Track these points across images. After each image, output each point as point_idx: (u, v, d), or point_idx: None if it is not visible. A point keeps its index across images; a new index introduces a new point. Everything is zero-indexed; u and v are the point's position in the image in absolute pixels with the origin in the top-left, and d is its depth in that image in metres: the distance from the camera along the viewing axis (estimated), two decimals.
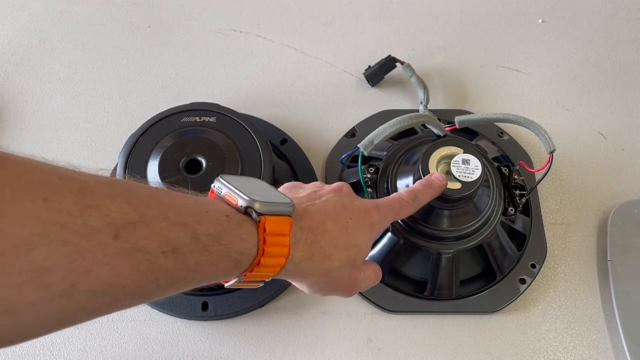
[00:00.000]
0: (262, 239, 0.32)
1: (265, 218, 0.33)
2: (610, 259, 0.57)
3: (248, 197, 0.32)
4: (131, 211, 0.27)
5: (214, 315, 0.54)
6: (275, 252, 0.33)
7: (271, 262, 0.33)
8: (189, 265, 0.29)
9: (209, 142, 0.53)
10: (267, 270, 0.34)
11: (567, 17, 0.75)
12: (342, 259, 0.38)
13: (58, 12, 0.74)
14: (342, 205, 0.40)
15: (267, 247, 0.32)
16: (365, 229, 0.40)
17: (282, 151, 0.62)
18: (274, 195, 0.36)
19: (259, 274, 0.33)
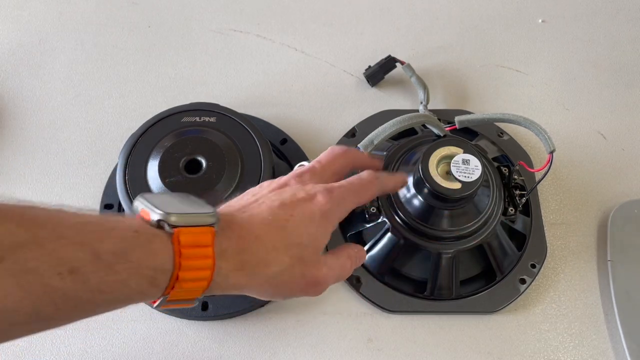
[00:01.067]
0: (177, 252, 0.31)
1: (179, 230, 0.31)
2: (610, 259, 0.57)
3: (162, 210, 0.31)
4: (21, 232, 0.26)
5: (214, 315, 0.54)
6: (195, 265, 0.31)
7: (193, 276, 0.31)
8: (92, 285, 0.27)
9: (209, 142, 0.53)
10: (192, 286, 0.32)
11: (567, 17, 0.75)
12: (284, 261, 0.36)
13: (58, 12, 0.74)
14: (280, 204, 0.38)
15: (185, 261, 0.31)
16: (312, 223, 0.38)
17: (282, 151, 0.62)
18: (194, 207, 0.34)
19: (182, 290, 0.31)
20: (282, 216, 0.37)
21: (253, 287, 0.36)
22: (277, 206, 0.38)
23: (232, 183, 0.49)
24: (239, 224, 0.36)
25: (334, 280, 0.40)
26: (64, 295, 0.27)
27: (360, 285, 0.56)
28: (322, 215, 0.38)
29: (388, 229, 0.54)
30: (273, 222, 0.37)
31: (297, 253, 0.37)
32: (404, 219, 0.53)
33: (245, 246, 0.35)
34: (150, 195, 0.34)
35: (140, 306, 0.55)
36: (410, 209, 0.53)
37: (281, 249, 0.36)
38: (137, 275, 0.29)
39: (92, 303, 0.29)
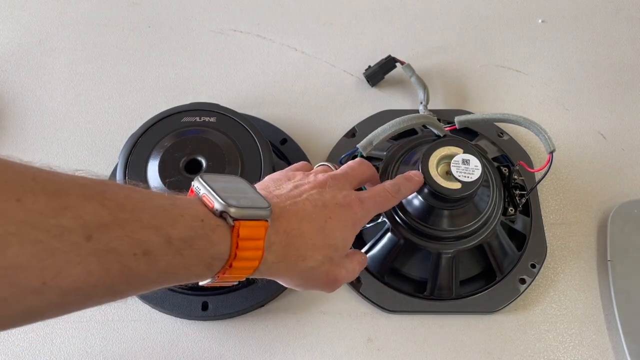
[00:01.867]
0: (235, 243, 0.33)
1: (239, 223, 0.33)
2: (610, 258, 0.57)
3: (224, 201, 0.33)
4: (105, 213, 0.27)
5: (214, 315, 0.54)
6: (248, 255, 0.34)
7: (244, 265, 0.34)
8: (160, 267, 0.29)
9: (209, 142, 0.53)
10: (240, 272, 0.34)
11: (567, 17, 0.75)
12: (317, 259, 0.39)
13: (58, 12, 0.74)
14: (322, 203, 0.40)
15: (240, 252, 0.33)
16: (345, 227, 0.41)
17: (282, 151, 0.62)
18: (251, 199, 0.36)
19: (231, 275, 0.34)
20: (323, 216, 0.39)
21: (287, 277, 0.39)
22: (319, 205, 0.40)
23: None
24: (286, 218, 0.37)
25: (347, 281, 0.43)
26: (137, 274, 0.29)
27: (360, 285, 0.56)
28: (354, 222, 0.42)
29: (388, 229, 0.54)
30: (315, 220, 0.39)
31: (329, 253, 0.40)
32: (404, 219, 0.53)
33: (290, 241, 0.37)
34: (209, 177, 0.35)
35: (140, 306, 0.55)
36: (410, 209, 0.53)
37: (318, 248, 0.39)
38: (199, 261, 0.31)
39: (155, 282, 0.31)
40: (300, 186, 0.41)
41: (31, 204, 0.25)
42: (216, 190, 0.34)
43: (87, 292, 0.27)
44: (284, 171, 0.45)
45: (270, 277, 0.39)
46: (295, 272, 0.39)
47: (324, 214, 0.40)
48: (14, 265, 0.24)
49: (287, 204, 0.39)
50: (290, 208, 0.38)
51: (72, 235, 0.25)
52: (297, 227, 0.38)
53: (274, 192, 0.40)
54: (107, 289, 0.28)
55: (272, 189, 0.41)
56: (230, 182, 0.36)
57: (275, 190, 0.41)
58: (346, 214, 0.41)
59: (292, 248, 0.37)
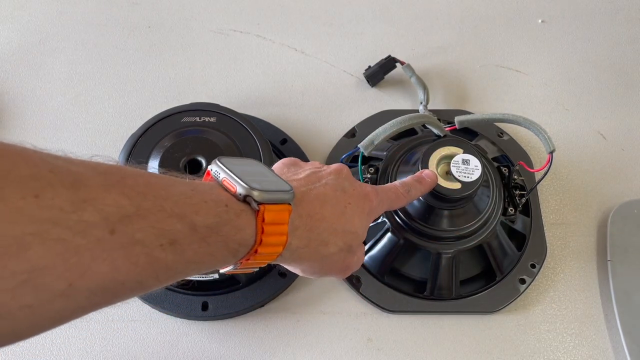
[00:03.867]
0: (260, 228, 0.32)
1: (264, 207, 0.32)
2: (610, 259, 0.57)
3: (247, 184, 0.32)
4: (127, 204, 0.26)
5: (214, 315, 0.54)
6: (272, 241, 0.33)
7: (268, 251, 0.33)
8: (187, 257, 0.28)
9: (209, 142, 0.53)
10: (264, 258, 0.33)
11: (567, 17, 0.75)
12: (338, 244, 0.38)
13: (58, 12, 0.74)
14: (342, 189, 0.39)
15: (265, 237, 0.32)
16: (363, 215, 0.40)
17: (282, 151, 0.62)
18: (273, 182, 0.35)
19: (255, 262, 0.33)
20: (343, 202, 0.39)
21: (308, 262, 0.38)
22: (339, 190, 0.39)
23: None
24: (309, 201, 0.37)
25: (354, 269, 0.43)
26: (165, 266, 0.27)
27: (360, 285, 0.56)
28: (370, 211, 0.41)
29: (388, 229, 0.54)
30: (337, 206, 0.38)
31: (349, 240, 0.39)
32: (404, 219, 0.53)
33: (314, 224, 0.36)
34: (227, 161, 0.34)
35: (140, 306, 0.55)
36: (410, 209, 0.53)
37: (340, 233, 0.38)
38: (224, 248, 0.31)
39: (182, 272, 0.30)
40: (318, 172, 0.41)
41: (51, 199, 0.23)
42: (237, 173, 0.32)
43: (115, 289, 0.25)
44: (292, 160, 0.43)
45: (292, 264, 0.38)
46: (317, 258, 0.38)
47: (344, 199, 0.39)
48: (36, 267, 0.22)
49: (308, 187, 0.38)
50: (311, 192, 0.37)
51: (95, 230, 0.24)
52: (320, 211, 0.37)
53: (293, 177, 0.39)
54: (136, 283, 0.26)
55: (290, 175, 0.40)
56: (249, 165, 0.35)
57: (293, 176, 0.40)
58: (364, 202, 0.40)
59: (315, 232, 0.36)
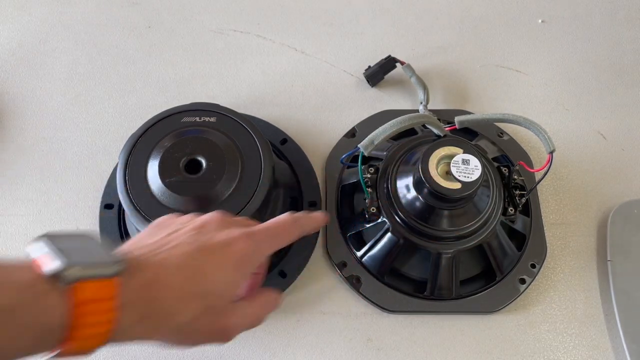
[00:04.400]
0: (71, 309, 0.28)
1: (75, 286, 0.29)
2: (610, 259, 0.57)
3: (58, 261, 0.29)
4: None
5: None
6: (93, 321, 0.29)
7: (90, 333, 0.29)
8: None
9: (209, 143, 0.53)
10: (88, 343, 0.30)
11: (567, 17, 0.75)
12: (192, 311, 0.34)
13: (58, 12, 0.74)
14: (197, 248, 0.36)
15: (81, 318, 0.29)
16: (227, 269, 0.36)
17: (282, 151, 0.62)
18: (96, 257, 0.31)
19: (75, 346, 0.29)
20: (196, 262, 0.35)
21: (158, 336, 0.35)
22: (192, 250, 0.36)
23: (232, 183, 0.49)
24: (147, 270, 0.33)
25: (244, 329, 0.39)
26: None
27: (360, 285, 0.56)
28: (240, 261, 0.37)
29: (388, 229, 0.54)
30: (186, 268, 0.35)
31: (208, 302, 0.35)
32: (404, 219, 0.53)
33: (152, 296, 0.33)
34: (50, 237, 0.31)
35: None
36: (410, 209, 0.53)
37: (191, 298, 0.34)
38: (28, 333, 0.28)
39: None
40: (175, 232, 0.37)
41: None
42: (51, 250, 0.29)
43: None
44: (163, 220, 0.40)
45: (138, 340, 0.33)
46: (165, 332, 0.34)
47: (199, 259, 0.35)
48: None
49: (150, 255, 0.34)
50: (154, 259, 0.34)
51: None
52: (162, 279, 0.33)
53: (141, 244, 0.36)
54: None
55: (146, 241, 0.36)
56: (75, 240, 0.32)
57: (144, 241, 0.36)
58: (227, 253, 0.36)
59: (155, 304, 0.32)
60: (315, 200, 0.59)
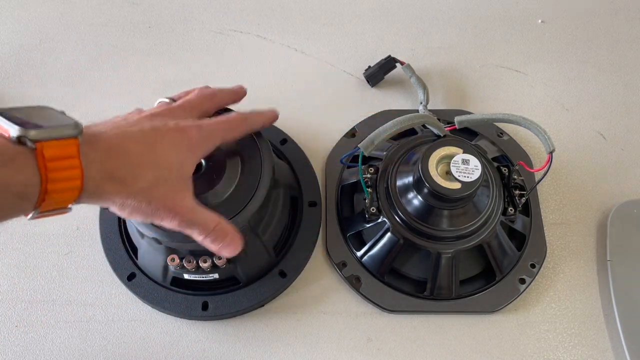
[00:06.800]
0: (42, 166, 0.32)
1: (42, 144, 0.32)
2: (610, 259, 0.57)
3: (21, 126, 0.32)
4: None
5: (214, 315, 0.54)
6: (63, 176, 0.33)
7: (63, 187, 0.33)
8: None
9: None
10: (63, 196, 0.34)
11: (567, 17, 0.75)
12: (148, 178, 0.38)
13: (58, 13, 0.74)
14: (151, 127, 0.40)
15: (51, 173, 0.32)
16: (180, 149, 0.40)
17: (282, 151, 0.62)
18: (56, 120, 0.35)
19: (53, 200, 0.33)
20: (151, 138, 0.39)
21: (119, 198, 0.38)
22: (148, 129, 0.40)
23: (232, 183, 0.49)
24: (106, 139, 0.37)
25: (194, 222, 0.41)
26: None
27: (360, 285, 0.56)
28: (190, 145, 0.41)
29: (388, 229, 0.54)
30: (143, 141, 0.39)
31: (163, 174, 0.39)
32: (404, 218, 0.53)
33: (113, 158, 0.36)
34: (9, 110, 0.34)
35: (140, 306, 0.55)
36: (410, 209, 0.53)
37: (147, 166, 0.38)
38: (8, 193, 0.31)
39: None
40: (128, 117, 0.41)
41: None
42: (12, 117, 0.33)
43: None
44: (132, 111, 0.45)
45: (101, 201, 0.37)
46: (127, 193, 0.37)
47: (153, 136, 0.39)
48: None
49: (107, 128, 0.38)
50: (112, 132, 0.38)
51: None
52: (121, 146, 0.37)
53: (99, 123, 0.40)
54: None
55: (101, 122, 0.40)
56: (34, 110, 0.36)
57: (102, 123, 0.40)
58: (180, 137, 0.41)
59: (117, 166, 0.36)
60: (315, 200, 0.59)
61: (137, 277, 0.55)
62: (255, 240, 0.52)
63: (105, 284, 0.56)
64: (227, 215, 0.47)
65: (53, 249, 0.58)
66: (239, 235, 0.44)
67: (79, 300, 0.56)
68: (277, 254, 0.56)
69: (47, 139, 0.32)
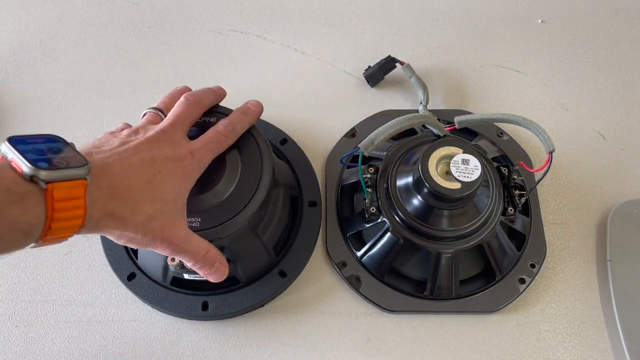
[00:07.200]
0: (50, 206, 0.33)
1: (53, 186, 0.33)
2: (610, 259, 0.57)
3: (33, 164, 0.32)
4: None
5: (214, 315, 0.54)
6: (67, 216, 0.34)
7: (65, 225, 0.34)
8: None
9: None
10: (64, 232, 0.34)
11: (567, 17, 0.75)
12: (148, 212, 0.39)
13: (58, 13, 0.74)
14: (150, 159, 0.41)
15: (57, 213, 0.33)
16: (176, 181, 0.42)
17: (282, 151, 0.62)
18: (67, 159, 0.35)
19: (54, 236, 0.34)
20: (151, 171, 0.40)
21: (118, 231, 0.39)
22: (148, 160, 0.40)
23: (232, 183, 0.49)
24: (111, 173, 0.38)
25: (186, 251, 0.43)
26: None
27: (360, 285, 0.56)
28: (185, 175, 0.43)
29: (388, 229, 0.54)
30: (142, 175, 0.39)
31: (161, 207, 0.40)
32: (404, 218, 0.53)
33: (115, 195, 0.37)
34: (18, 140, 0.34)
35: (140, 306, 0.55)
36: (410, 209, 0.53)
37: (147, 200, 0.39)
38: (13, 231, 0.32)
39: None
40: (128, 142, 0.41)
41: None
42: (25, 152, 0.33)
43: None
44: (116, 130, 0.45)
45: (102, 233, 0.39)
46: (126, 226, 0.38)
47: (152, 169, 0.40)
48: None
49: (112, 159, 0.39)
50: (115, 163, 0.38)
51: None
52: (123, 182, 0.38)
53: (100, 149, 0.40)
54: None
55: (98, 145, 0.41)
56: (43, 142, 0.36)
57: (101, 147, 0.40)
58: (176, 168, 0.42)
59: (118, 202, 0.37)
60: (315, 200, 0.59)
61: (137, 277, 0.55)
62: (255, 240, 0.52)
63: (106, 284, 0.56)
64: (227, 215, 0.47)
65: (53, 248, 0.58)
66: (225, 264, 0.46)
67: (79, 300, 0.56)
68: (277, 254, 0.56)
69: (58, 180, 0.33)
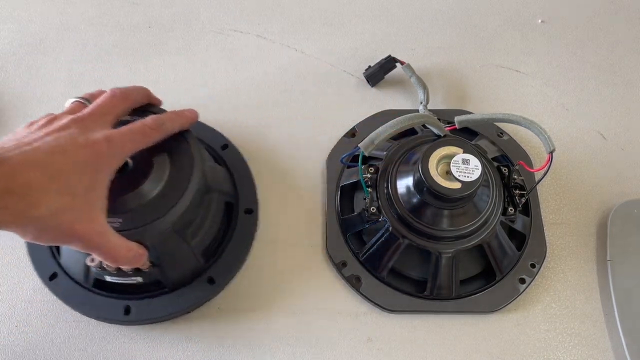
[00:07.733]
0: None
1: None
2: (610, 258, 0.57)
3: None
4: None
5: (136, 320, 0.52)
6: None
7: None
8: None
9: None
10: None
11: (567, 17, 0.75)
12: (52, 206, 0.37)
13: (58, 12, 0.74)
14: (60, 149, 0.38)
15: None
16: (85, 170, 0.39)
17: (221, 156, 0.61)
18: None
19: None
20: (58, 162, 0.37)
21: (18, 226, 0.37)
22: (57, 151, 0.38)
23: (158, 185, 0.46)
24: (10, 164, 0.36)
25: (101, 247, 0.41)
26: None
27: (360, 285, 0.56)
28: (97, 164, 0.39)
29: (388, 229, 0.54)
30: (47, 165, 0.37)
31: (67, 202, 0.38)
32: (404, 218, 0.53)
33: (11, 187, 0.35)
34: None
35: (61, 308, 0.53)
36: (410, 209, 0.53)
37: (52, 193, 0.37)
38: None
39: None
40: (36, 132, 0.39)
41: None
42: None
43: None
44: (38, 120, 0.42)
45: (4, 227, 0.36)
46: (27, 221, 0.36)
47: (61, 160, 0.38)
48: None
49: (12, 153, 0.37)
50: (16, 157, 0.36)
51: None
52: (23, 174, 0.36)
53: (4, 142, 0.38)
54: None
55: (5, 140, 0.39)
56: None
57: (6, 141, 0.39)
58: (88, 156, 0.39)
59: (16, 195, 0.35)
60: (251, 208, 0.58)
61: (59, 277, 0.53)
62: (182, 244, 0.50)
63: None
64: (151, 217, 0.45)
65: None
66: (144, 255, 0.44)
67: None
68: (207, 260, 0.54)
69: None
